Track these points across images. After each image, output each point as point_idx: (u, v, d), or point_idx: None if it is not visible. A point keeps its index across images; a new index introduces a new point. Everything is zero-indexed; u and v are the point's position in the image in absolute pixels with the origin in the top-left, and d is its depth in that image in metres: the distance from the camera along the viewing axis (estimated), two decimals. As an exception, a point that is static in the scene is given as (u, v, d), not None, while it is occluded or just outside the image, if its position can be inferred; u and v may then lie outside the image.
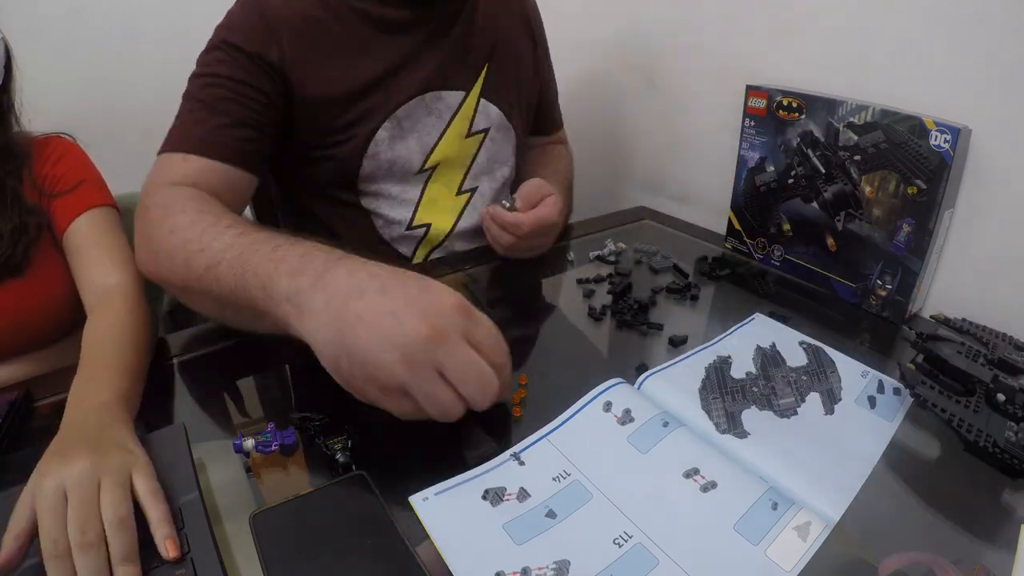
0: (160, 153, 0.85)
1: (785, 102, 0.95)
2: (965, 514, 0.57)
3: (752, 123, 1.01)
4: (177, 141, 0.84)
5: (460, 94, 1.02)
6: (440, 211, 1.05)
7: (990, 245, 0.82)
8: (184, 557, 0.48)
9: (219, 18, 0.90)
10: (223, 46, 0.86)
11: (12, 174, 0.89)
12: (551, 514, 0.54)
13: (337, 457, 0.58)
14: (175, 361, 0.78)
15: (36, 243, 0.89)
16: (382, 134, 0.96)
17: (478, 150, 1.07)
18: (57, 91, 1.40)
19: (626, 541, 0.52)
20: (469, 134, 1.05)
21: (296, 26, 0.88)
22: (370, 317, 0.53)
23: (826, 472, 0.60)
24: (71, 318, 0.91)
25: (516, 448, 0.62)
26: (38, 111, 0.91)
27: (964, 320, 0.76)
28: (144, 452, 0.54)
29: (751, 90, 1.00)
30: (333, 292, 0.56)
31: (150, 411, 0.65)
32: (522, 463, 0.60)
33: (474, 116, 1.05)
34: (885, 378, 0.73)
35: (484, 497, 0.45)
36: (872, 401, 0.69)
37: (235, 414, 0.70)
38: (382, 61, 0.94)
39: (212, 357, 0.79)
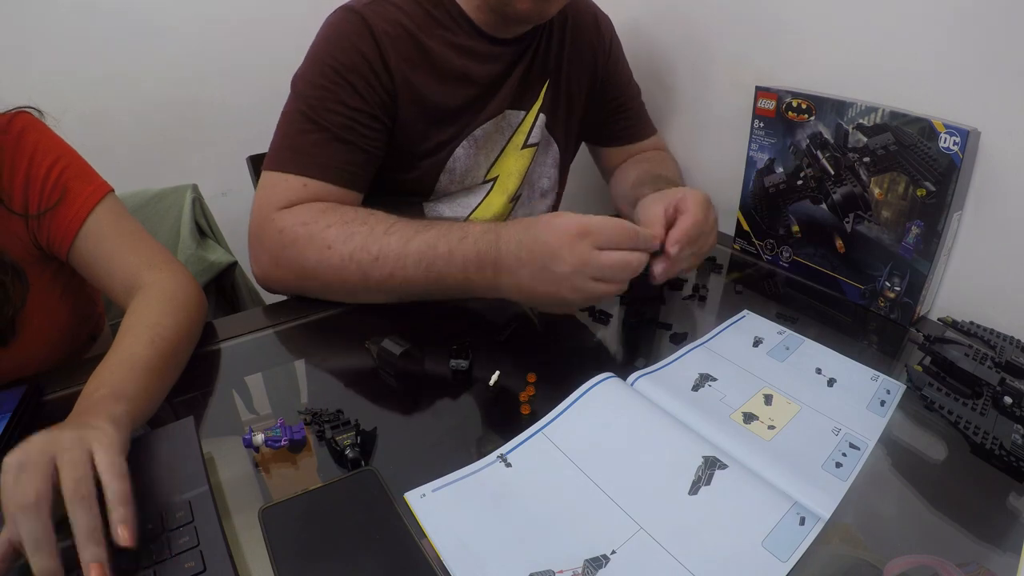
0: (272, 169, 0.86)
1: (794, 103, 0.94)
2: (971, 517, 0.57)
3: (761, 124, 1.01)
4: (296, 163, 0.86)
5: (523, 112, 1.06)
6: (491, 215, 1.10)
7: (999, 248, 0.82)
8: (193, 549, 0.48)
9: (233, 18, 0.90)
10: (336, 68, 0.86)
11: None
12: (549, 512, 0.55)
13: (346, 452, 0.58)
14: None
15: (22, 308, 0.76)
16: (459, 151, 1.00)
17: (531, 162, 1.12)
18: (70, 90, 1.42)
19: (624, 541, 0.52)
20: (524, 146, 1.09)
21: (399, 47, 0.89)
22: (540, 290, 0.74)
23: (819, 472, 0.60)
24: (68, 354, 0.87)
25: (503, 450, 0.62)
26: (51, 110, 0.88)
27: (972, 323, 0.76)
28: (112, 430, 0.51)
29: (760, 91, 1.00)
30: (510, 277, 0.76)
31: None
32: (508, 464, 0.60)
33: (531, 130, 1.08)
34: (892, 381, 0.73)
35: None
36: (881, 405, 0.70)
37: (242, 410, 0.70)
38: (470, 88, 0.97)
39: (218, 354, 0.79)
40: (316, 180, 0.85)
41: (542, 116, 1.09)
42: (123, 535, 0.45)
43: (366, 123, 0.88)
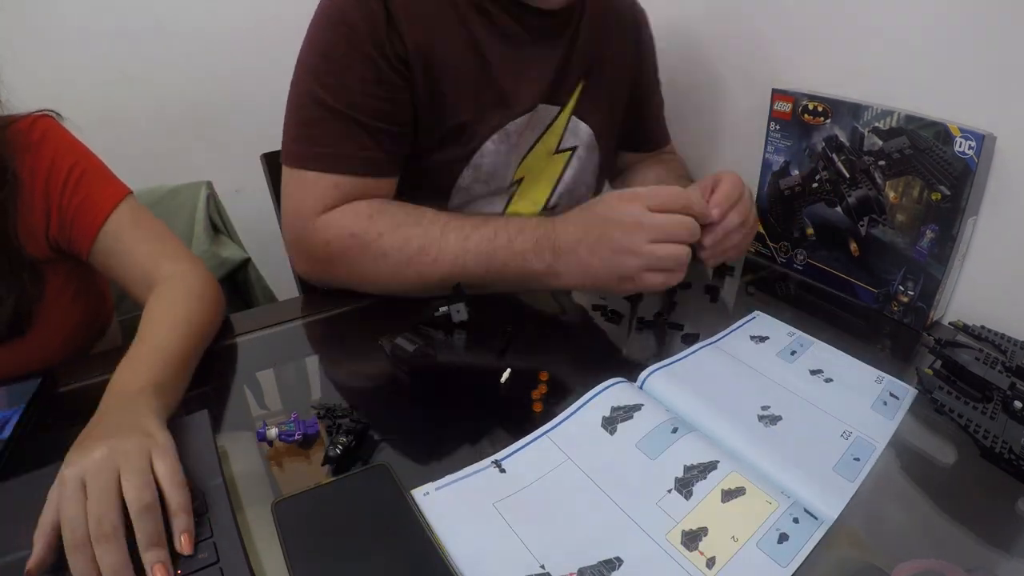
0: (295, 166, 0.82)
1: (811, 106, 0.94)
2: (980, 521, 0.57)
3: (777, 127, 1.01)
4: (320, 160, 0.81)
5: (556, 109, 0.98)
6: None
7: (1014, 253, 0.81)
8: (207, 540, 0.49)
9: (246, 17, 0.90)
10: (347, 28, 0.79)
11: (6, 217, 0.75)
12: (548, 516, 0.55)
13: (327, 450, 0.59)
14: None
15: (40, 300, 0.79)
16: (489, 146, 0.91)
17: (565, 168, 1.04)
18: (86, 90, 1.43)
19: (625, 543, 0.52)
20: (557, 151, 1.02)
21: (419, 20, 0.81)
22: (598, 264, 0.76)
23: (827, 473, 0.60)
24: (79, 348, 0.89)
25: (498, 456, 0.61)
26: (67, 111, 0.87)
27: (983, 327, 0.76)
28: (167, 436, 0.53)
29: (777, 94, 0.99)
30: (568, 257, 0.77)
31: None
32: (503, 471, 0.60)
33: (564, 133, 1.01)
34: (898, 383, 0.73)
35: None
36: (886, 406, 0.69)
37: (254, 406, 0.71)
38: (501, 73, 0.89)
39: (231, 349, 0.80)
40: (346, 177, 0.81)
41: (578, 121, 1.01)
42: (185, 544, 0.48)
43: (385, 95, 0.81)
